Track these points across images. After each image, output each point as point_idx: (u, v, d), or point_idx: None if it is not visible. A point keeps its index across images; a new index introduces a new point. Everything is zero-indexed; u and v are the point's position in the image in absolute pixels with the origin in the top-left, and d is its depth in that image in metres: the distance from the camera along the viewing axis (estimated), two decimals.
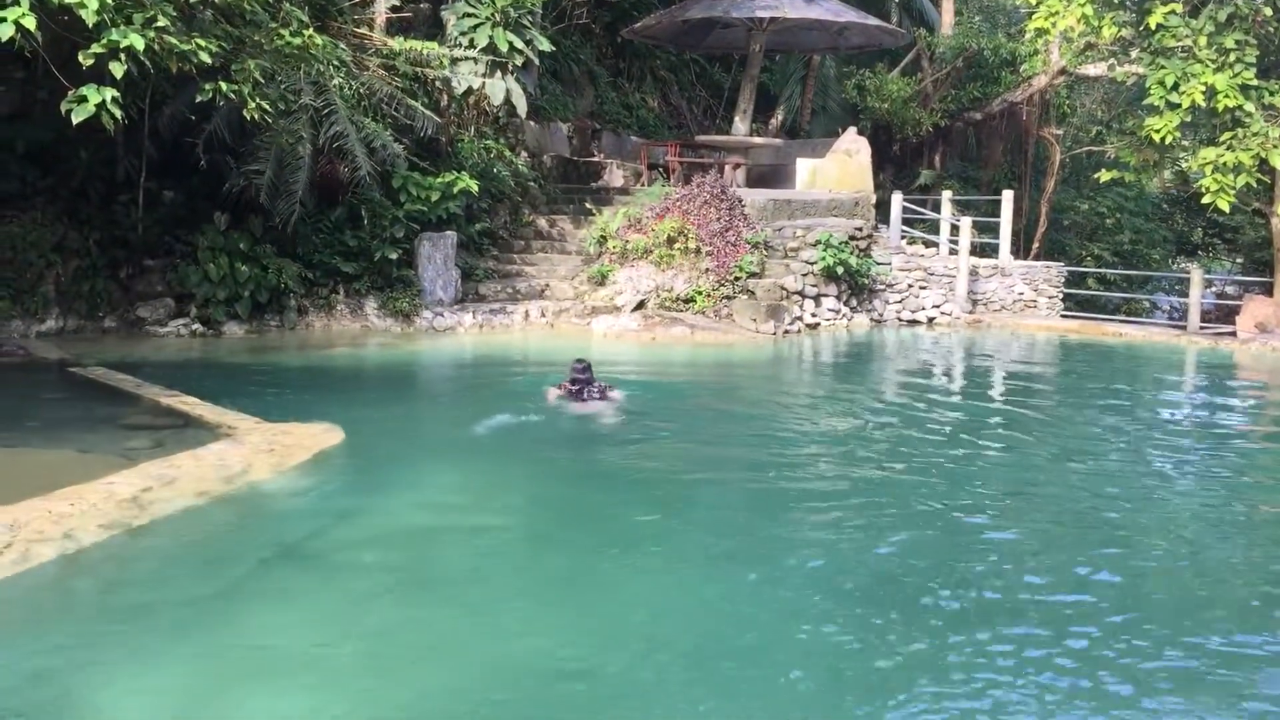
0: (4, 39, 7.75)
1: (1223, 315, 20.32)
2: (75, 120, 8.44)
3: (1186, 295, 18.03)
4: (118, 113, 8.52)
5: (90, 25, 8.21)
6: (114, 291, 12.69)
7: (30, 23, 7.77)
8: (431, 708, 3.91)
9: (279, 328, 13.18)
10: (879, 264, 16.81)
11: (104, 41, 8.42)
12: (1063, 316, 18.05)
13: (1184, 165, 17.99)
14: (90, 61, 8.49)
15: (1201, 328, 16.76)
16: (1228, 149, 15.04)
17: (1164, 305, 28.13)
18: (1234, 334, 16.05)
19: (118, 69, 8.47)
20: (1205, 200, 15.60)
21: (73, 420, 8.06)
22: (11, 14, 7.71)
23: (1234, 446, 9.19)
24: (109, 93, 8.45)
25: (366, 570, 5.29)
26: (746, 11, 19.23)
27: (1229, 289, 26.92)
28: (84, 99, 8.42)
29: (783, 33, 21.45)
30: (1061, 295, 18.43)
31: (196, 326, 12.63)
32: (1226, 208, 15.39)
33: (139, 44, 8.49)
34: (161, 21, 8.83)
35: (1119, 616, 4.90)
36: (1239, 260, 31.45)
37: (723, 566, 5.53)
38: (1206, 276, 19.85)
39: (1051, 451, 8.60)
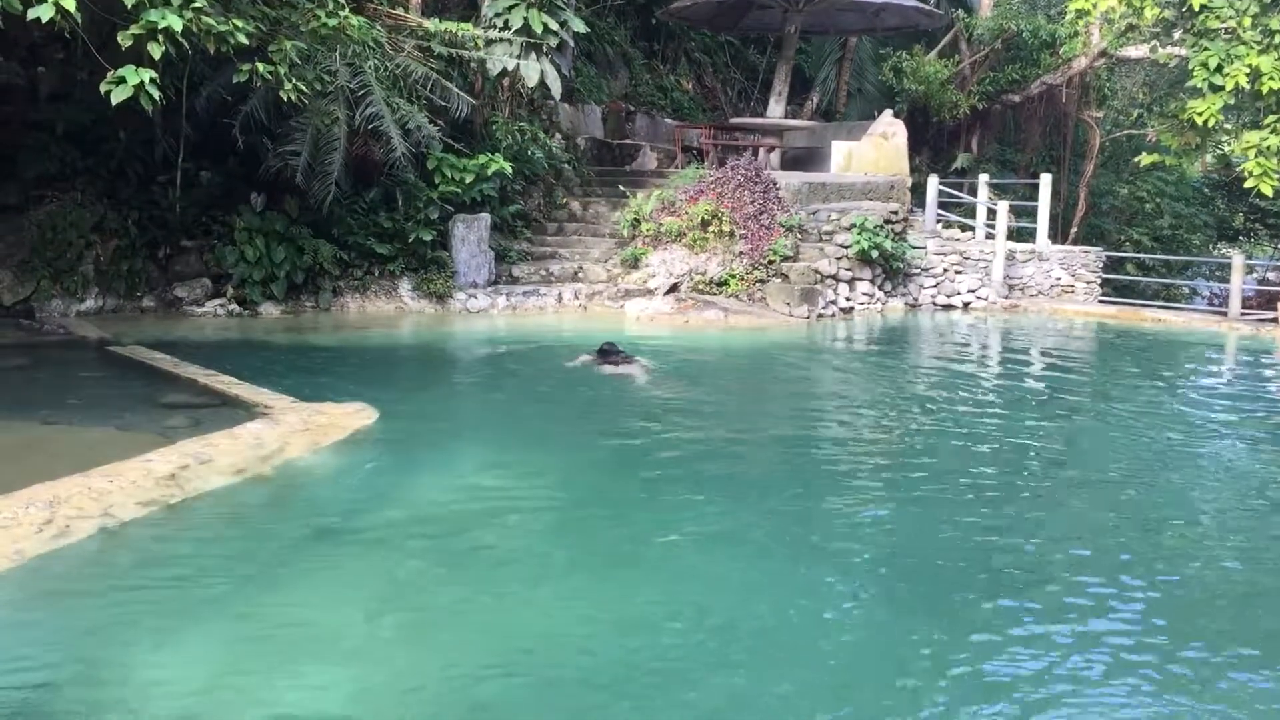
0: (44, 20, 7.82)
1: (1264, 302, 20.04)
2: (114, 101, 8.52)
3: (1227, 281, 17.79)
4: (156, 94, 8.59)
5: (129, 6, 8.28)
6: (152, 271, 12.80)
7: (70, 4, 7.83)
8: (469, 685, 3.93)
9: (314, 308, 13.25)
10: (914, 248, 16.69)
11: (142, 22, 8.48)
12: (1101, 302, 17.86)
13: (1226, 149, 17.74)
14: (129, 43, 8.56)
15: (1242, 314, 16.54)
16: (1272, 132, 14.80)
17: (1204, 291, 27.77)
18: (1276, 321, 15.82)
19: (156, 50, 8.53)
20: (1248, 185, 15.38)
21: (112, 398, 8.15)
22: None
23: None
24: (147, 74, 8.52)
25: (403, 548, 5.32)
26: None
27: (1271, 275, 26.55)
28: (123, 80, 8.49)
29: (818, 14, 21.29)
30: (1100, 280, 18.24)
31: (233, 306, 12.72)
32: (1270, 192, 15.15)
33: (177, 25, 8.54)
34: (199, 3, 8.88)
35: (1162, 605, 4.87)
36: None
37: (763, 548, 5.51)
38: (1248, 262, 19.57)
39: (1096, 439, 8.52)
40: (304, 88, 10.77)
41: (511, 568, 5.14)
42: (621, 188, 17.19)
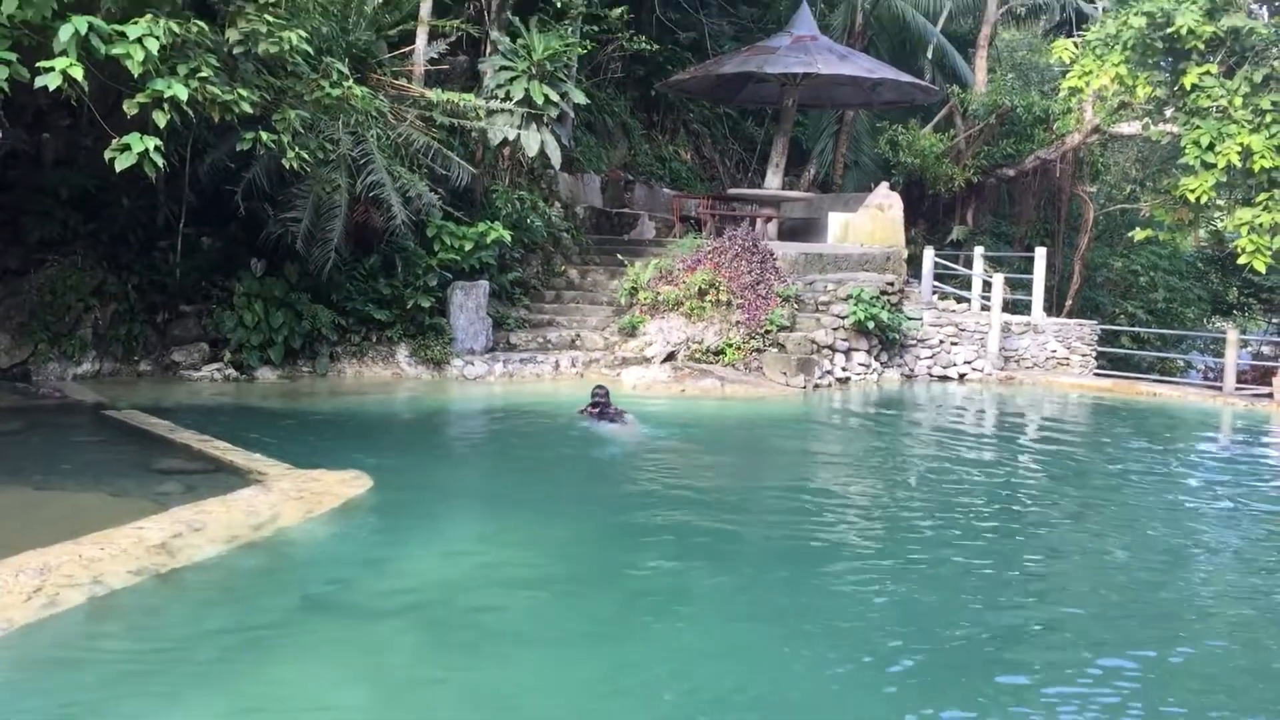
0: (52, 88, 7.92)
1: (1258, 376, 20.10)
2: (119, 168, 8.60)
3: (1222, 355, 17.85)
4: (160, 161, 8.67)
5: (135, 75, 8.38)
6: (150, 336, 12.82)
7: (77, 72, 7.94)
8: None
9: (311, 374, 13.25)
10: (910, 319, 16.76)
11: (148, 91, 8.59)
12: (1096, 375, 17.89)
13: (1219, 225, 17.88)
14: (135, 111, 8.66)
15: (1237, 389, 16.56)
16: (1264, 210, 14.93)
17: (1198, 365, 27.84)
18: (1271, 395, 15.85)
19: (161, 118, 8.63)
20: (1241, 261, 15.48)
21: (106, 463, 8.12)
22: (59, 64, 7.89)
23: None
24: (152, 142, 8.60)
25: (392, 621, 5.28)
26: (781, 67, 19.37)
27: (1265, 349, 26.65)
28: (128, 147, 8.57)
29: (816, 88, 21.57)
30: (1095, 353, 18.28)
31: (230, 371, 12.72)
32: (1263, 269, 15.26)
33: (182, 94, 8.66)
34: (205, 72, 9.02)
35: (1168, 681, 4.83)
36: (1275, 320, 31.17)
37: (753, 624, 5.48)
38: (1242, 337, 19.65)
39: (1095, 514, 8.50)
40: (306, 156, 10.89)
41: (502, 640, 5.10)
42: (620, 256, 17.30)
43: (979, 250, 19.88)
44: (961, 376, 16.87)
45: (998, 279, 17.44)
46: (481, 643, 5.06)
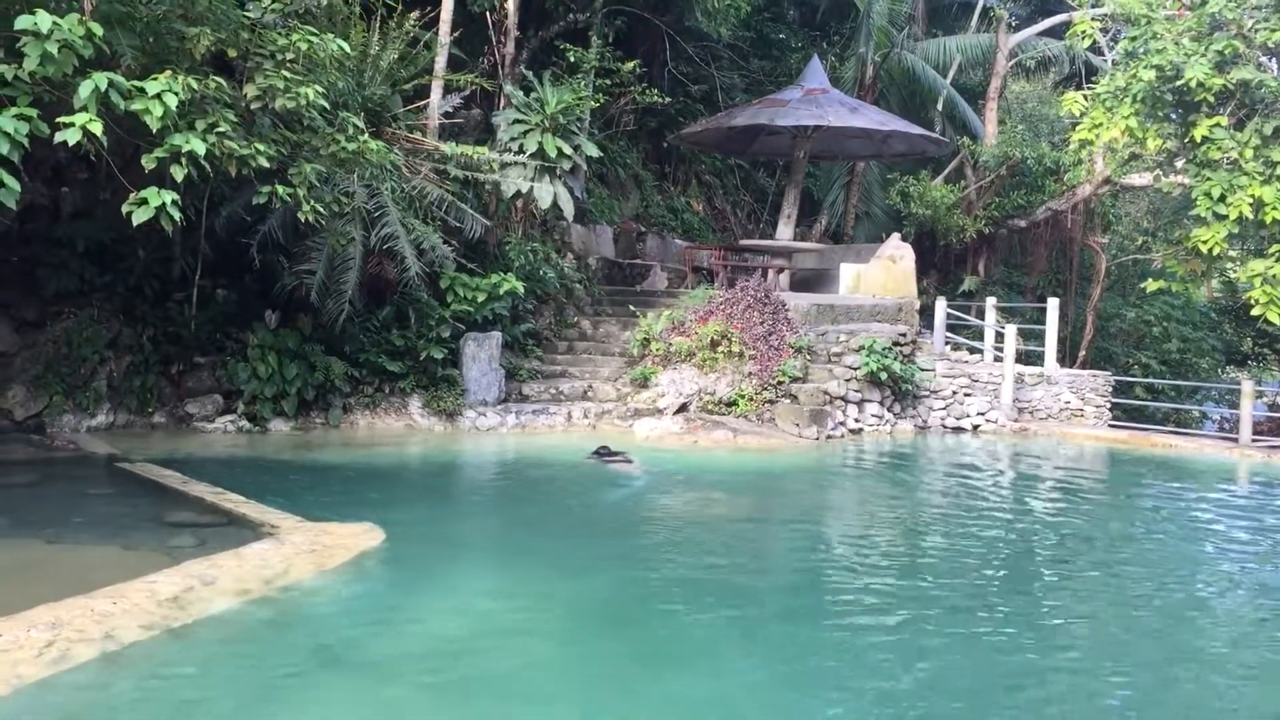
0: (71, 143, 8.01)
1: (1274, 427, 19.97)
2: (136, 222, 8.67)
3: (1236, 405, 17.75)
4: (177, 215, 8.74)
5: (154, 130, 8.48)
6: (164, 387, 12.86)
7: (97, 128, 8.03)
8: None
9: (324, 425, 13.27)
10: (923, 370, 16.72)
11: (167, 146, 8.69)
12: (1111, 426, 17.79)
13: (1232, 276, 17.84)
14: (153, 165, 8.75)
15: (1254, 440, 16.45)
16: (1276, 261, 14.90)
17: (1214, 416, 27.68)
18: None
19: (179, 172, 8.72)
20: (1255, 312, 15.40)
21: (118, 516, 8.12)
22: (79, 119, 7.99)
23: None
24: (169, 195, 8.68)
25: (404, 676, 5.24)
26: (792, 120, 19.52)
27: None
28: (145, 201, 8.66)
29: (827, 140, 21.73)
30: (1109, 404, 18.19)
31: (243, 423, 12.75)
32: (1277, 320, 15.18)
33: (200, 149, 8.75)
34: (223, 127, 9.12)
35: None
36: None
37: (760, 678, 5.42)
38: (1257, 388, 19.54)
39: (1107, 567, 8.41)
40: (322, 209, 10.98)
41: (512, 696, 5.05)
42: (632, 307, 17.36)
43: (991, 301, 19.87)
44: (975, 428, 16.80)
45: (1010, 330, 17.41)
46: (491, 699, 5.01)
